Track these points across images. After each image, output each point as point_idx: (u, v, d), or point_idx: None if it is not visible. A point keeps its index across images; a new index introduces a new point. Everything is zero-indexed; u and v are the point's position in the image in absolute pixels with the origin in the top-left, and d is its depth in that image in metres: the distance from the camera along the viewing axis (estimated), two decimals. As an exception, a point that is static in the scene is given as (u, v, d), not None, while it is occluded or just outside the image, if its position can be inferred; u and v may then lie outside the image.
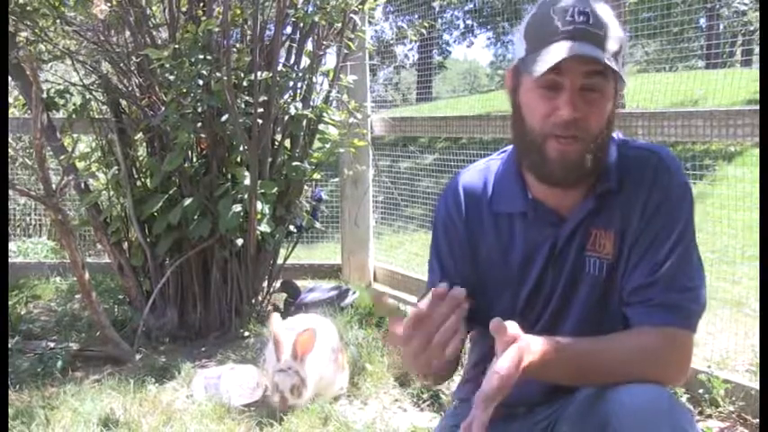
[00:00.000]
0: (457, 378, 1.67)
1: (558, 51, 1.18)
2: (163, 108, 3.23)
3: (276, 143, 3.49)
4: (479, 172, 1.43)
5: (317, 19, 3.32)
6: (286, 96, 3.47)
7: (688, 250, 1.28)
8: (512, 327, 1.14)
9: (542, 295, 1.36)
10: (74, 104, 3.50)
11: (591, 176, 1.29)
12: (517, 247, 1.36)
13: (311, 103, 3.52)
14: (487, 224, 1.38)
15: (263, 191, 3.25)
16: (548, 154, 1.24)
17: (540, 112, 1.24)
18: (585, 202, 1.31)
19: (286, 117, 3.43)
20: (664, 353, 1.24)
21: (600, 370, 1.22)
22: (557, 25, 1.20)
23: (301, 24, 3.45)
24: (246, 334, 3.39)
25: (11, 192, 4.99)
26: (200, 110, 3.22)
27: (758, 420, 2.22)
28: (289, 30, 3.54)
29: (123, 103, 3.50)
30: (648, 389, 1.17)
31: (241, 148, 3.30)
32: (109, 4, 3.05)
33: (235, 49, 3.26)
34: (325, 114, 3.53)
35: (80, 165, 3.57)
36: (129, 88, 3.41)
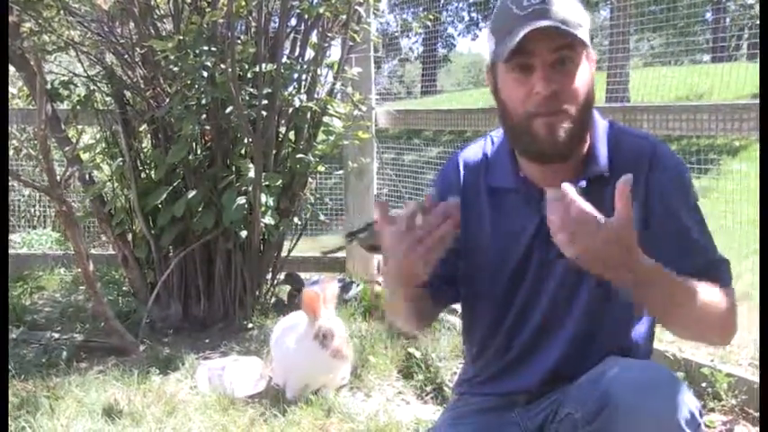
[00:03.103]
0: (457, 370, 1.67)
1: (520, 33, 1.22)
2: (167, 100, 3.23)
3: (280, 135, 3.49)
4: (480, 146, 1.49)
5: (321, 11, 3.32)
6: (290, 88, 3.47)
7: (705, 224, 1.33)
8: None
9: (531, 269, 1.38)
10: (78, 96, 3.50)
11: (579, 150, 1.33)
12: (506, 220, 1.40)
13: (316, 96, 3.51)
14: (482, 195, 1.44)
15: (267, 183, 3.25)
16: (536, 132, 1.27)
17: (518, 96, 1.28)
18: (575, 181, 1.32)
19: (290, 109, 3.42)
20: (732, 311, 1.28)
21: (699, 311, 1.22)
22: (515, 13, 1.25)
23: (306, 16, 3.44)
24: (250, 326, 3.40)
25: (16, 183, 5.00)
26: (204, 102, 3.22)
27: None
28: (293, 22, 3.54)
29: (128, 94, 3.49)
30: (648, 364, 1.22)
31: (245, 141, 3.30)
32: (113, -5, 3.05)
33: (239, 41, 3.25)
34: (329, 107, 3.52)
35: (84, 156, 3.58)
36: (134, 80, 3.41)
